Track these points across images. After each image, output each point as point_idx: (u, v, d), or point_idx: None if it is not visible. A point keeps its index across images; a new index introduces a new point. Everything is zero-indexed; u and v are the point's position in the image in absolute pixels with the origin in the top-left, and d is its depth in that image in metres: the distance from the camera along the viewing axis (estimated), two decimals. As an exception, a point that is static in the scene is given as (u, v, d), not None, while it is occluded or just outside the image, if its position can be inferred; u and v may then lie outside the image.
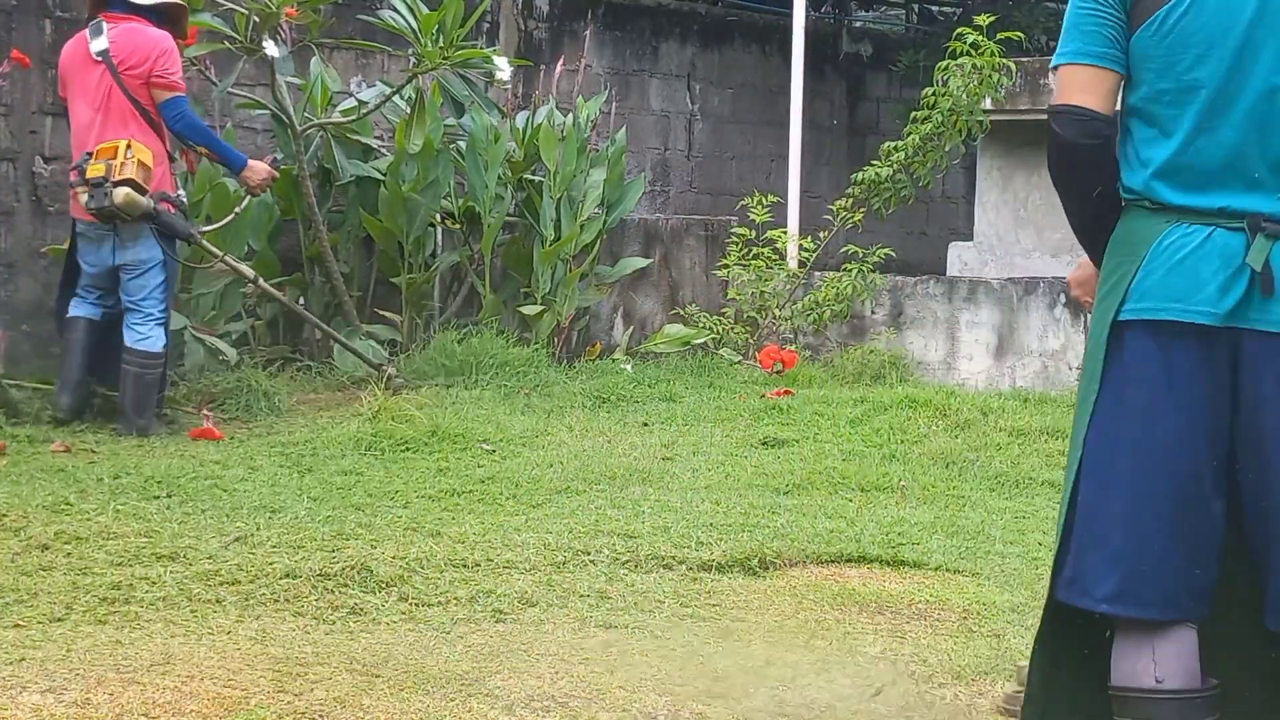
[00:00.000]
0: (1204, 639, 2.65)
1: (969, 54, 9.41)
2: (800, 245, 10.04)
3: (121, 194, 6.50)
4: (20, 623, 3.97)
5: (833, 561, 5.03)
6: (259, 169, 7.20)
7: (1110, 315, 2.65)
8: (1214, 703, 2.63)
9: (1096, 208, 2.72)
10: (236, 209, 7.49)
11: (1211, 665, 2.66)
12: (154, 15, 6.87)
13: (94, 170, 6.53)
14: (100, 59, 6.74)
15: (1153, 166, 2.64)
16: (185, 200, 7.01)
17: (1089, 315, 3.83)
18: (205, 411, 6.97)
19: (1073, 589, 2.66)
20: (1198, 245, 2.59)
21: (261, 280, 7.58)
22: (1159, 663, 2.60)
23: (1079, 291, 2.97)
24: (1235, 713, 2.70)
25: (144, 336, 6.76)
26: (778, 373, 8.87)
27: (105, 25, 6.80)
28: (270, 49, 7.75)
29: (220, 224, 7.43)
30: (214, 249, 7.26)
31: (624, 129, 10.01)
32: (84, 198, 6.57)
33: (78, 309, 6.94)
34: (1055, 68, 2.71)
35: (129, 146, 6.60)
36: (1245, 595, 2.67)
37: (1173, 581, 2.59)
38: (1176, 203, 2.62)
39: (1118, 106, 2.70)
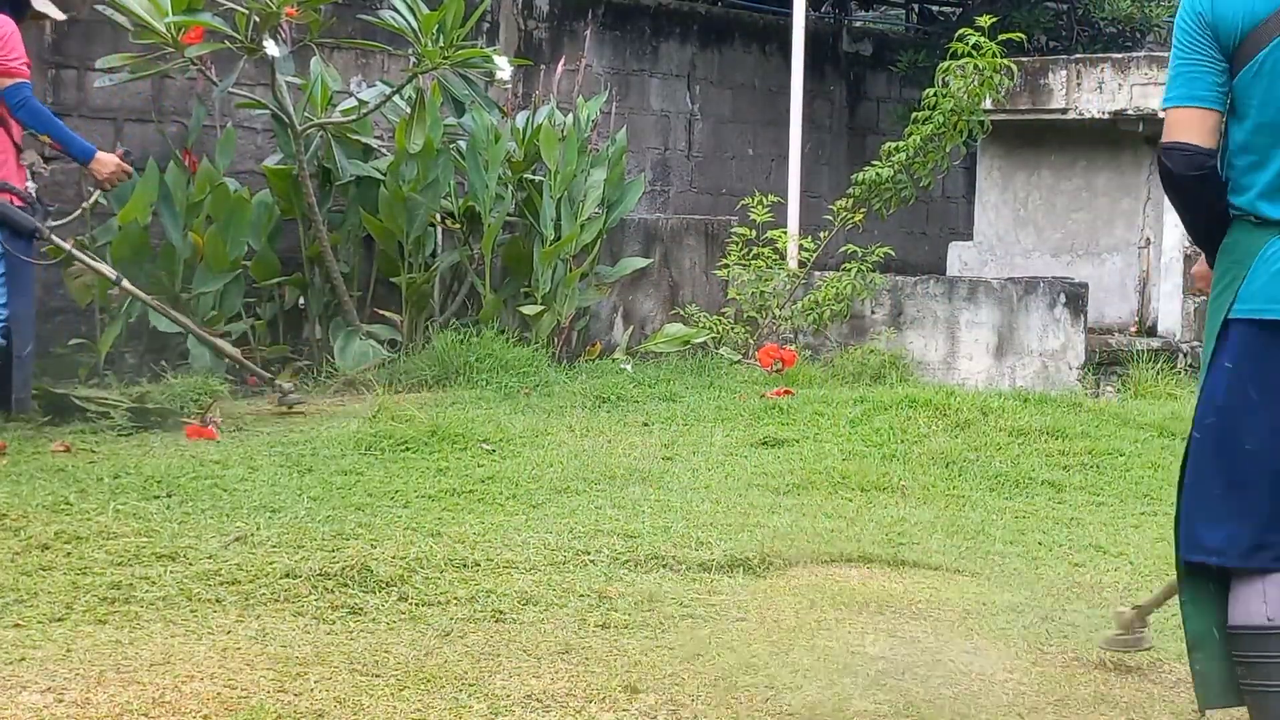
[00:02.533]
0: None
1: (970, 55, 9.42)
2: (800, 245, 10.04)
3: None
4: (20, 623, 3.97)
5: (833, 561, 5.03)
6: (107, 161, 6.75)
7: (1222, 313, 3.12)
8: None
9: (1207, 222, 3.18)
10: (84, 204, 7.12)
11: None
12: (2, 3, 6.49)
13: None
14: None
15: (1255, 189, 3.08)
16: (33, 193, 6.56)
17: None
18: (210, 417, 6.95)
19: (1192, 548, 3.11)
20: None
21: (125, 281, 7.14)
22: (1269, 604, 3.02)
23: (1202, 284, 3.40)
24: None
25: None
26: (777, 371, 8.87)
27: None
28: (270, 49, 7.75)
29: (69, 218, 7.01)
30: (64, 244, 6.83)
31: (624, 129, 10.01)
32: None
33: None
34: (1165, 109, 3.13)
35: None
36: None
37: (1274, 537, 3.03)
38: (1276, 217, 3.07)
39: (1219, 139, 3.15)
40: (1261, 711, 3.05)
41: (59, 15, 7.10)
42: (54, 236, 6.71)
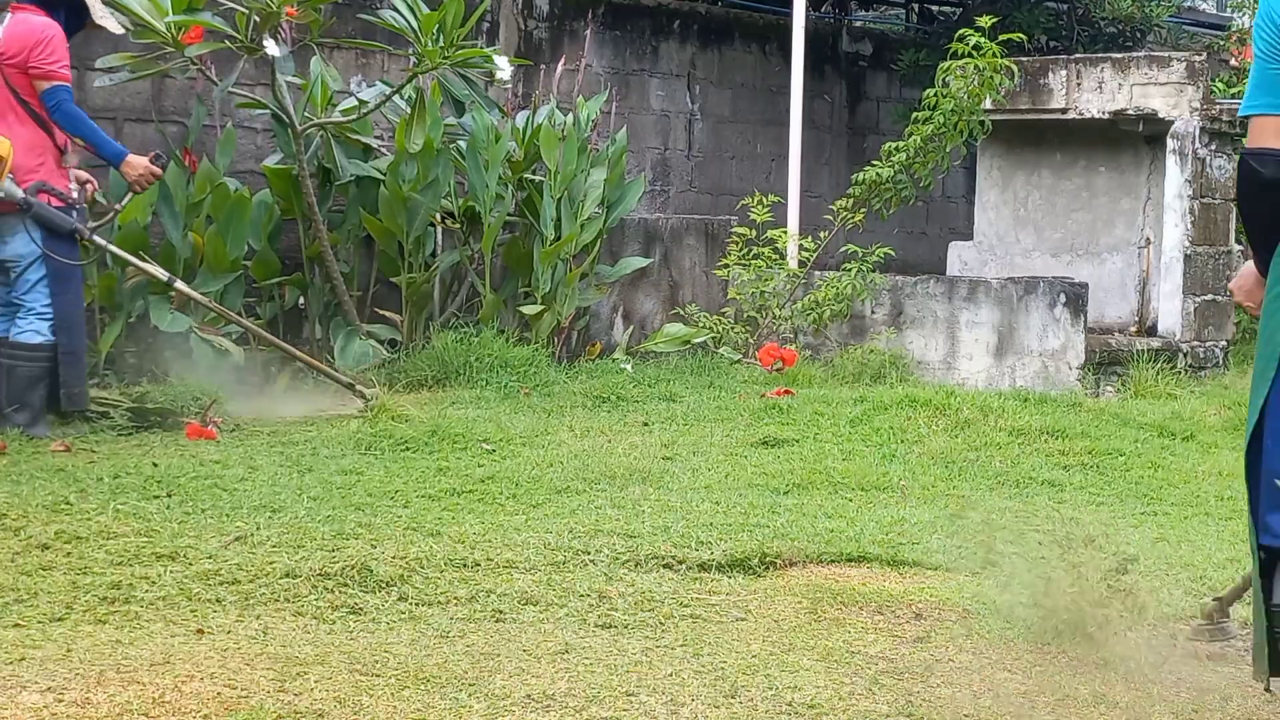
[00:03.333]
0: None
1: (970, 55, 9.42)
2: (800, 245, 10.04)
3: None
4: (20, 622, 3.97)
5: (833, 561, 5.03)
6: (137, 164, 6.86)
7: None
8: None
9: (1276, 228, 3.20)
10: (117, 205, 7.19)
11: None
12: (48, 4, 6.64)
13: None
14: None
15: None
16: (76, 194, 6.70)
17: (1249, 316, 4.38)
18: (211, 417, 6.95)
19: (1265, 533, 3.22)
20: None
21: (180, 283, 7.26)
22: None
23: (1241, 296, 3.51)
24: None
25: (21, 330, 6.54)
26: (778, 371, 8.87)
27: (7, 16, 6.60)
28: (271, 48, 7.75)
29: (104, 221, 7.08)
30: (110, 246, 7.00)
31: (624, 129, 10.01)
32: None
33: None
34: (1247, 117, 3.15)
35: None
36: None
37: None
38: None
39: None
40: None
41: (117, 29, 7.22)
42: (96, 238, 6.86)
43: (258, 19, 7.70)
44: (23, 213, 6.48)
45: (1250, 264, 3.40)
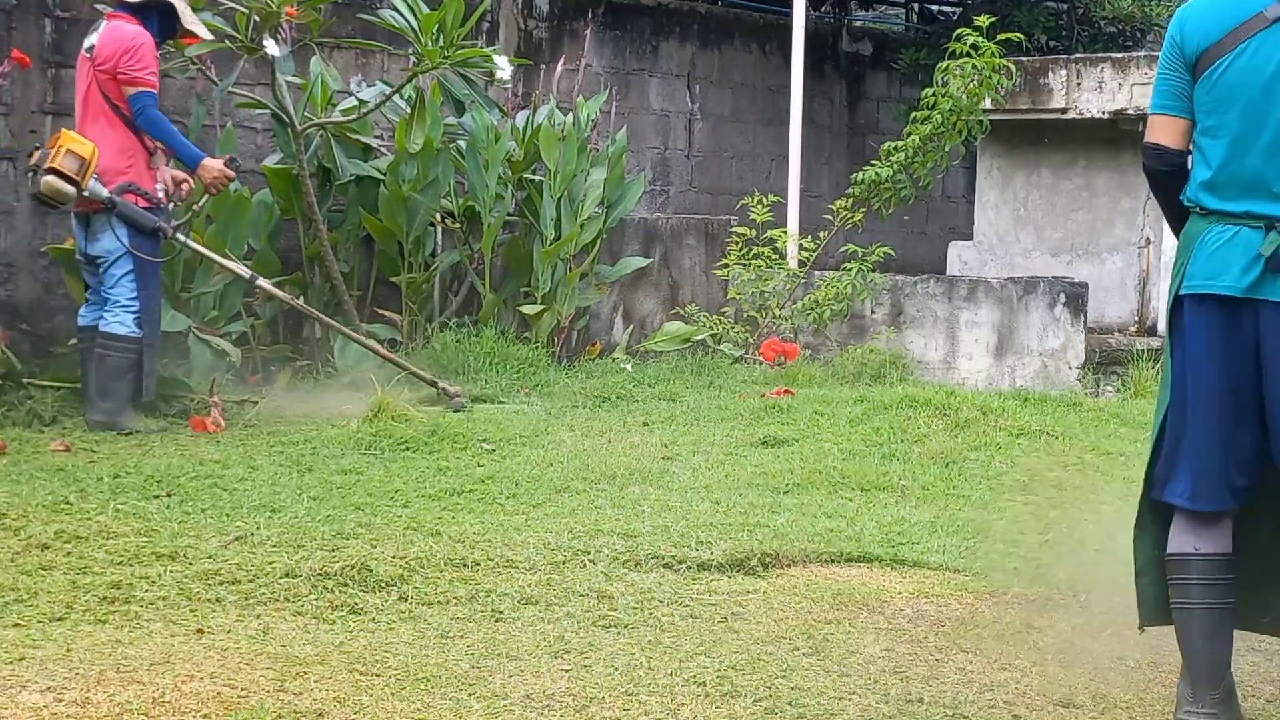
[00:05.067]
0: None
1: (969, 55, 9.41)
2: (800, 244, 10.04)
3: (45, 182, 6.72)
4: (20, 622, 3.97)
5: (833, 561, 5.03)
6: (212, 167, 7.21)
7: (1173, 291, 3.61)
8: (1233, 564, 3.58)
9: (1180, 211, 3.68)
10: (195, 205, 7.53)
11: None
12: (142, 12, 6.99)
13: (34, 157, 6.81)
14: (88, 55, 6.97)
15: (1199, 182, 3.59)
16: (161, 194, 7.05)
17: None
18: (214, 399, 7.04)
19: (1162, 490, 3.64)
20: (1228, 240, 3.52)
21: (263, 280, 7.59)
22: (1199, 538, 3.57)
23: None
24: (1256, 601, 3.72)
25: (108, 322, 6.89)
26: (780, 365, 8.87)
27: (103, 23, 7.00)
28: (270, 48, 7.75)
29: (184, 220, 7.41)
30: (192, 244, 7.32)
31: (624, 128, 10.01)
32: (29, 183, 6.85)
33: (85, 316, 7.10)
34: (1147, 115, 3.71)
35: (65, 137, 6.79)
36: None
37: (1222, 485, 3.56)
38: (1215, 208, 3.56)
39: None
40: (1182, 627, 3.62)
41: (205, 34, 7.42)
42: (179, 236, 7.18)
43: (258, 19, 7.70)
44: (108, 211, 6.83)
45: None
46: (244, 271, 7.54)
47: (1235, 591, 3.58)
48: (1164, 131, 3.65)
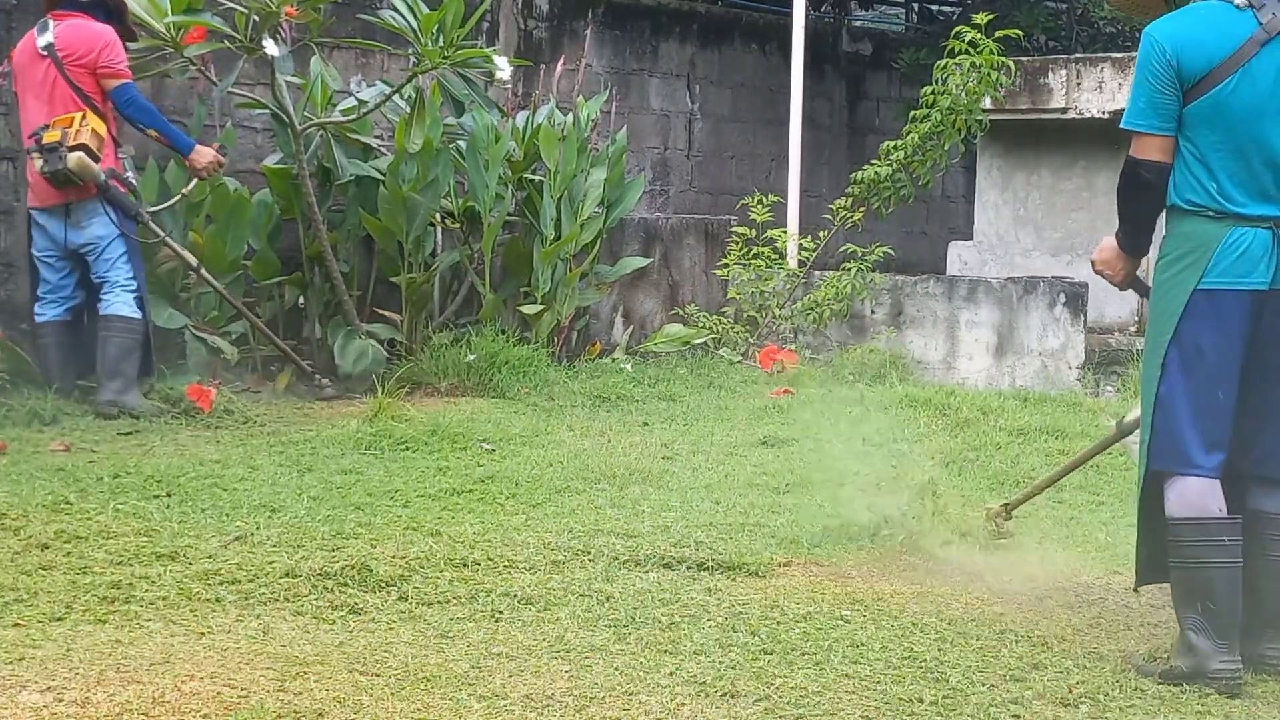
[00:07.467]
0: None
1: (968, 52, 9.41)
2: (800, 244, 10.04)
3: (75, 158, 6.85)
4: (20, 622, 3.97)
5: (832, 561, 5.03)
6: (205, 153, 7.45)
7: (1191, 284, 3.96)
8: (1231, 526, 3.95)
9: (1151, 215, 4.14)
10: (183, 191, 7.67)
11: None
12: (98, 11, 7.21)
13: (50, 136, 6.91)
14: (46, 53, 7.09)
15: (1211, 189, 3.98)
16: (134, 181, 7.27)
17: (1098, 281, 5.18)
18: (215, 380, 7.13)
19: (1163, 459, 3.99)
20: (1250, 241, 3.95)
21: (204, 270, 7.71)
22: (1219, 501, 3.95)
23: (1101, 266, 4.29)
24: None
25: (110, 304, 7.06)
26: (778, 373, 8.87)
27: (51, 22, 7.17)
28: (270, 48, 7.75)
29: (166, 205, 7.59)
30: (159, 230, 7.42)
31: (624, 128, 10.01)
32: (39, 163, 6.92)
33: (44, 313, 7.21)
34: (1138, 132, 4.11)
35: (84, 117, 6.95)
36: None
37: (1211, 455, 3.96)
38: (1233, 212, 3.97)
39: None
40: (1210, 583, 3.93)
41: (136, 8, 7.56)
42: (150, 223, 7.35)
43: (257, 19, 7.70)
44: (99, 195, 7.04)
45: (1110, 239, 4.25)
46: (191, 260, 7.66)
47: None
48: (1161, 150, 4.06)
